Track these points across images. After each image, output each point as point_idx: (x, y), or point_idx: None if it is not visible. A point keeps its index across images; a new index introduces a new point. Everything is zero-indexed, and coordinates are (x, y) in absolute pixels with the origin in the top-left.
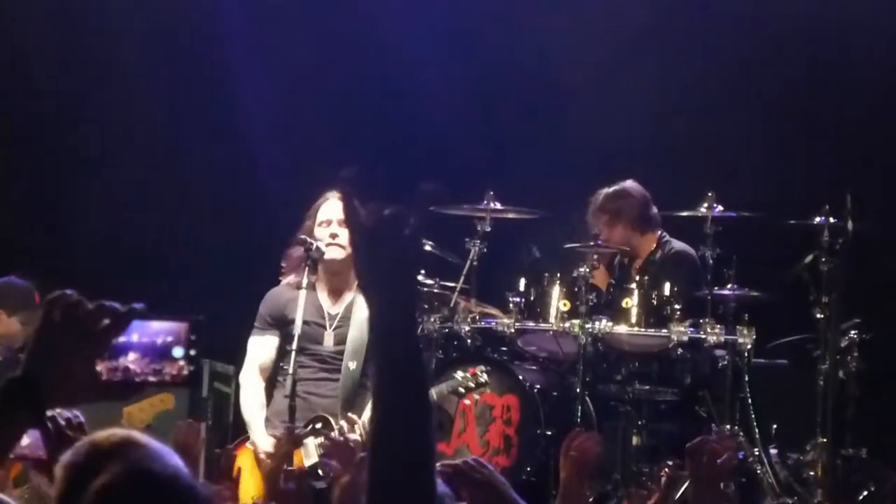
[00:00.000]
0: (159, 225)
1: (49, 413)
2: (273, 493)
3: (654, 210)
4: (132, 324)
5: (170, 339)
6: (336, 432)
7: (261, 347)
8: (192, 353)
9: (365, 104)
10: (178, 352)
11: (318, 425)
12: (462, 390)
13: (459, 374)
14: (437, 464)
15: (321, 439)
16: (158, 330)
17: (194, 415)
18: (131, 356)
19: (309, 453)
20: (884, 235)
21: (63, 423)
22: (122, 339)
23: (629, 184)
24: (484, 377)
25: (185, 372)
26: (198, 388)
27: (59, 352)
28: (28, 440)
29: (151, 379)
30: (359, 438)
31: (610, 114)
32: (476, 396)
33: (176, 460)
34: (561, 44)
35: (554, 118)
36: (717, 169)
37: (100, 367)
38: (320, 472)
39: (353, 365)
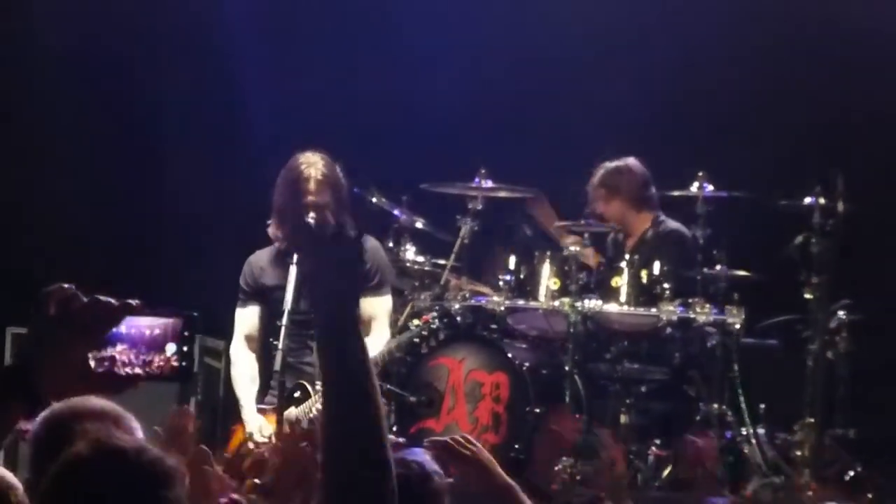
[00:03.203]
0: (149, 214)
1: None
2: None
3: (653, 190)
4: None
5: (157, 331)
6: (315, 402)
7: (244, 319)
8: (185, 349)
9: (358, 85)
10: (170, 348)
11: (297, 394)
12: (417, 340)
13: (413, 324)
14: (426, 440)
15: (304, 409)
16: (150, 322)
17: (184, 391)
18: (119, 347)
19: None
20: (874, 216)
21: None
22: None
23: (631, 161)
24: (436, 323)
25: (175, 364)
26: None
27: (53, 344)
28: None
29: (139, 371)
30: None
31: (602, 93)
32: (433, 344)
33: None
34: (554, 20)
35: (546, 96)
36: (707, 149)
37: (90, 359)
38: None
39: None
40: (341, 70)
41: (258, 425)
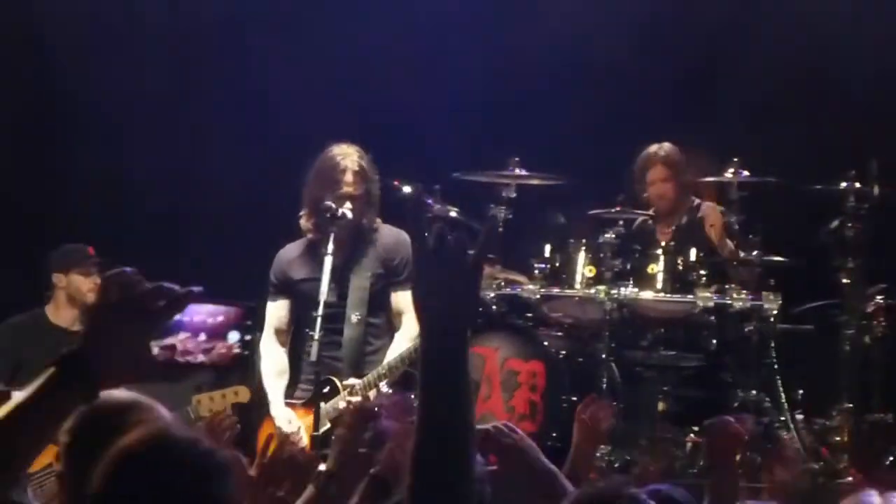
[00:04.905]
0: (213, 206)
1: None
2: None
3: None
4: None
5: (220, 318)
6: (344, 397)
7: (274, 313)
8: (247, 338)
9: (389, 70)
10: (233, 336)
11: (326, 389)
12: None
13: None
14: None
15: (336, 404)
16: (211, 311)
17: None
18: (181, 335)
19: (322, 420)
20: None
21: None
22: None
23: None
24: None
25: (234, 352)
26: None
27: (115, 329)
28: None
29: (201, 358)
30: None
31: (635, 80)
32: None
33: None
34: (586, 7)
35: (579, 82)
36: (742, 134)
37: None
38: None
39: (355, 317)
40: (372, 60)
41: (287, 418)
